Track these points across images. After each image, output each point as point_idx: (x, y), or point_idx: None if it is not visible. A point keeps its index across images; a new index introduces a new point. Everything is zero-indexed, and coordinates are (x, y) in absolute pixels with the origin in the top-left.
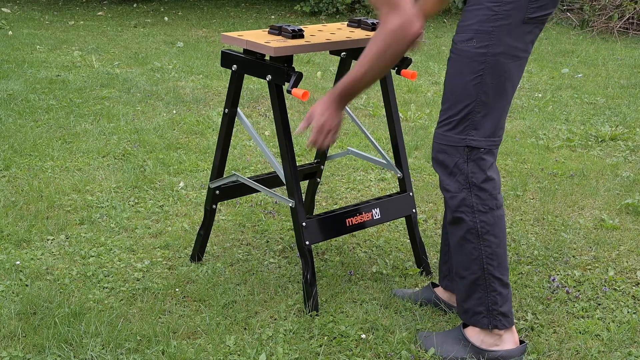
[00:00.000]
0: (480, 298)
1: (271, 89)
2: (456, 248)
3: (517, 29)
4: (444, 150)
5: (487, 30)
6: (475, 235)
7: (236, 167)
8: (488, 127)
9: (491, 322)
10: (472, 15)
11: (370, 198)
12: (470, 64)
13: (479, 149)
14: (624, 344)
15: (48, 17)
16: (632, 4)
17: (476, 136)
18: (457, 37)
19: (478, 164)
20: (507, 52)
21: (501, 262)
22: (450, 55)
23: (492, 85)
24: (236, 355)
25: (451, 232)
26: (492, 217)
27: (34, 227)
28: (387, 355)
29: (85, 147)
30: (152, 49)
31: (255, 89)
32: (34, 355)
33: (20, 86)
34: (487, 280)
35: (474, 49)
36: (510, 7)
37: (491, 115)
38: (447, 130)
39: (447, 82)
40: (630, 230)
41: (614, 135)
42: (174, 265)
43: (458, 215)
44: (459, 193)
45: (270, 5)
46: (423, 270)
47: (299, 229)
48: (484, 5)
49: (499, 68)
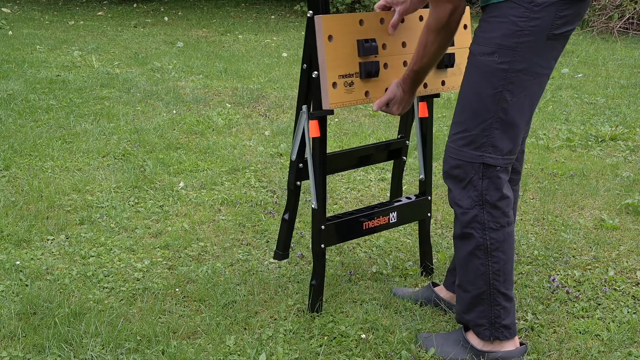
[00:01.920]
0: (483, 311)
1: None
2: (462, 263)
3: (542, 46)
4: (458, 165)
5: (510, 45)
6: (484, 251)
7: (236, 167)
8: (506, 144)
9: (493, 334)
10: (494, 27)
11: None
12: (489, 78)
13: (495, 167)
14: (624, 344)
15: (48, 17)
16: (632, 4)
17: (493, 154)
18: (476, 48)
19: (493, 181)
20: (530, 69)
21: (507, 278)
22: (468, 66)
23: (511, 102)
24: (236, 355)
25: (458, 247)
26: (503, 234)
27: (34, 227)
28: (387, 355)
29: (85, 147)
30: (152, 49)
31: (256, 89)
32: (34, 355)
33: (20, 86)
34: (491, 295)
35: (496, 64)
36: (536, 24)
37: (509, 132)
38: (462, 145)
39: (464, 94)
40: (630, 230)
41: (614, 135)
42: (174, 265)
43: (468, 231)
44: (471, 209)
45: (270, 5)
46: (424, 271)
47: (318, 231)
48: (508, 20)
49: (520, 85)
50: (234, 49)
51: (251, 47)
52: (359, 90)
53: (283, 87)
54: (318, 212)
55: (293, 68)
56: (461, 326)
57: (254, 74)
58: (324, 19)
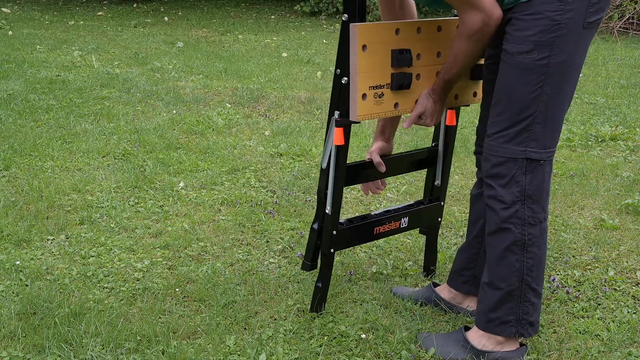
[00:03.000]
0: (512, 308)
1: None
2: (497, 259)
3: (578, 36)
4: (501, 162)
5: (548, 41)
6: (521, 247)
7: (236, 167)
8: (548, 138)
9: (518, 330)
10: (529, 25)
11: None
12: (529, 75)
13: (538, 161)
14: (624, 344)
15: (48, 17)
16: (632, 4)
17: (536, 148)
18: (512, 47)
19: (537, 176)
20: (568, 61)
21: (539, 274)
22: (505, 65)
23: (552, 95)
24: (236, 355)
25: (493, 243)
26: (540, 229)
27: (34, 227)
28: (387, 355)
29: (85, 147)
30: (152, 49)
31: (256, 89)
32: (34, 355)
33: (20, 86)
34: (522, 291)
35: (535, 61)
36: (571, 15)
37: (551, 126)
38: (504, 142)
39: (503, 93)
40: (630, 230)
41: (614, 135)
42: (174, 265)
43: (506, 226)
44: (513, 205)
45: (270, 5)
46: (425, 272)
47: (329, 236)
48: (544, 15)
49: (560, 77)
50: (234, 49)
51: (251, 47)
52: (389, 101)
53: (283, 87)
54: (331, 217)
55: (293, 68)
56: (462, 326)
57: (254, 74)
58: (360, 28)
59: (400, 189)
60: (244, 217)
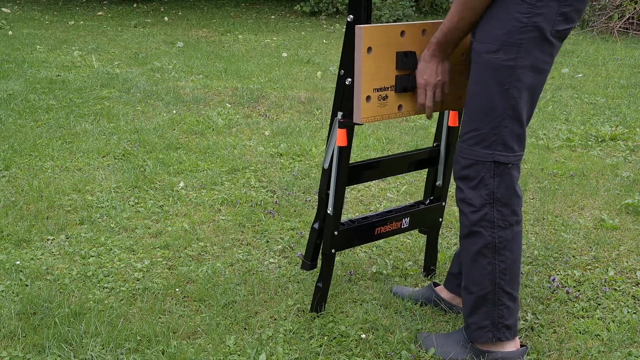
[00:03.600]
0: (487, 312)
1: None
2: (469, 263)
3: (544, 42)
4: (470, 165)
5: (516, 42)
6: (492, 250)
7: (236, 167)
8: (515, 141)
9: (495, 335)
10: (497, 24)
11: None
12: (496, 76)
13: (506, 165)
14: (624, 344)
15: (48, 17)
16: (632, 4)
17: (504, 151)
18: (480, 46)
19: (505, 179)
20: (534, 65)
21: (513, 277)
22: (473, 64)
23: (519, 99)
24: (236, 355)
25: (465, 247)
26: (511, 232)
27: (34, 227)
28: (387, 355)
29: (85, 147)
30: (152, 49)
31: (256, 89)
32: (34, 355)
33: (20, 86)
34: (496, 295)
35: (502, 61)
36: (540, 19)
37: (518, 129)
38: (473, 144)
39: (471, 93)
40: (630, 230)
41: (614, 135)
42: (174, 265)
43: (476, 230)
44: (482, 208)
45: (270, 5)
46: (425, 272)
47: (331, 236)
48: (512, 16)
49: (525, 81)
50: (234, 49)
51: (251, 47)
52: (392, 103)
53: (283, 87)
54: (333, 218)
55: (293, 68)
56: (462, 326)
57: (254, 74)
58: (366, 30)
59: (400, 189)
60: (244, 217)
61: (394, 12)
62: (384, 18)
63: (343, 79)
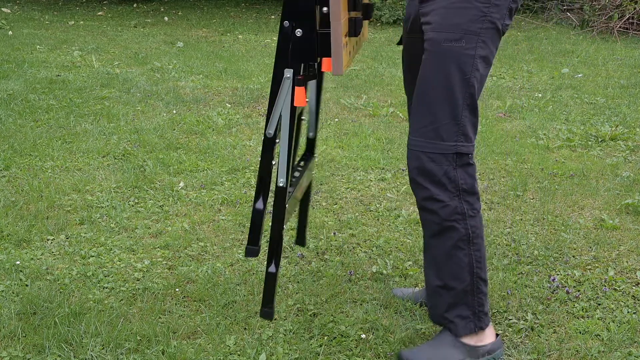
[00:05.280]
0: (467, 303)
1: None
2: (444, 259)
3: (496, 34)
4: (432, 159)
5: (476, 31)
6: (467, 241)
7: (236, 167)
8: (473, 130)
9: (476, 324)
10: (458, 13)
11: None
12: (458, 65)
13: (467, 155)
14: (624, 344)
15: (48, 17)
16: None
17: (465, 142)
18: (439, 35)
19: (467, 169)
20: (487, 57)
21: (484, 262)
22: (430, 55)
23: (477, 88)
24: (236, 355)
25: (438, 245)
26: (479, 219)
27: (34, 227)
28: (387, 355)
29: (85, 147)
30: (152, 49)
31: (255, 89)
32: (34, 355)
33: (20, 86)
34: (474, 284)
35: (464, 49)
36: (496, 11)
37: (475, 118)
38: (433, 137)
39: (428, 85)
40: (630, 230)
41: (614, 135)
42: (174, 265)
43: (449, 224)
44: (451, 202)
45: (270, 5)
46: (297, 240)
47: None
48: (472, 5)
49: (481, 72)
50: (234, 49)
51: (251, 47)
52: (347, 49)
53: None
54: (286, 191)
55: None
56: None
57: (254, 74)
58: None
59: (400, 189)
60: (244, 217)
61: (394, 12)
62: (384, 18)
63: (289, 30)
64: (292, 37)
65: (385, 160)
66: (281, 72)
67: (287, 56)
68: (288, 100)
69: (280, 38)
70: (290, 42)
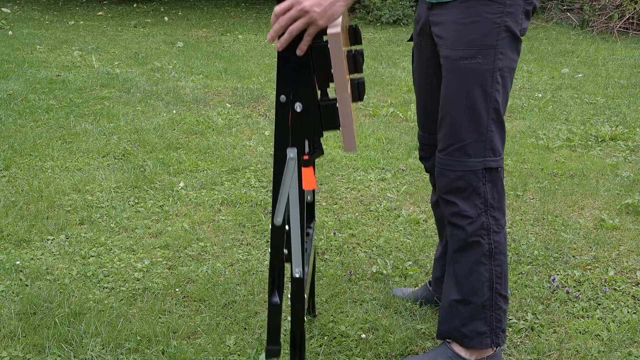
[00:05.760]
0: (485, 319)
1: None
2: (466, 274)
3: (515, 41)
4: (460, 177)
5: (491, 44)
6: (488, 256)
7: (236, 167)
8: (500, 144)
9: (494, 340)
10: (470, 29)
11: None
12: (478, 82)
13: (496, 169)
14: (624, 344)
15: (48, 17)
16: (632, 4)
17: (493, 156)
18: (454, 52)
19: (495, 184)
20: (509, 65)
21: (506, 279)
22: (448, 73)
23: (500, 102)
24: (236, 355)
25: (460, 260)
26: (503, 234)
27: (34, 227)
28: (387, 355)
29: (85, 147)
30: (152, 49)
31: (255, 89)
32: (34, 355)
33: (20, 86)
34: (493, 300)
35: (481, 66)
36: (509, 19)
37: (502, 131)
38: (461, 155)
39: (451, 104)
40: (630, 230)
41: (614, 135)
42: (174, 265)
43: (475, 240)
44: (479, 217)
45: (270, 6)
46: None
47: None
48: (483, 18)
49: (503, 82)
50: (234, 49)
51: (251, 47)
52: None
53: None
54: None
55: None
56: (441, 342)
57: (254, 74)
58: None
59: (400, 189)
60: (244, 217)
61: (394, 12)
62: (384, 18)
63: (287, 106)
64: (291, 112)
65: (385, 160)
66: (283, 152)
67: (288, 134)
68: (295, 183)
69: (278, 114)
70: (290, 118)
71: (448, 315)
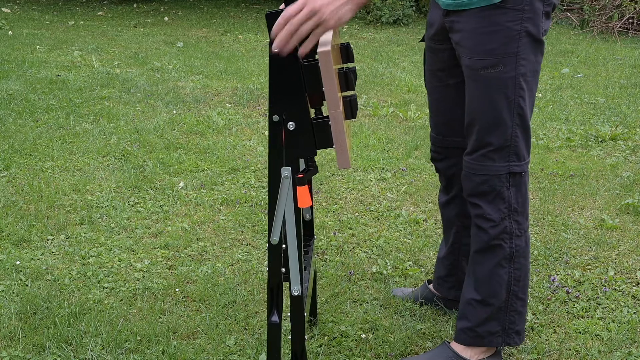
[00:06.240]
0: (500, 319)
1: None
2: (487, 276)
3: (537, 44)
4: (484, 181)
5: (513, 52)
6: (509, 259)
7: (236, 167)
8: (525, 148)
9: (504, 340)
10: (490, 38)
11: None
12: (501, 90)
13: (520, 174)
14: (624, 344)
15: (48, 17)
16: (632, 4)
17: (517, 161)
18: (475, 62)
19: (520, 188)
20: (532, 69)
21: (526, 283)
22: (471, 82)
23: (524, 107)
24: (236, 355)
25: (482, 261)
26: (525, 238)
27: (34, 227)
28: (387, 355)
29: (85, 147)
30: (152, 49)
31: (255, 89)
32: (34, 355)
33: (20, 86)
34: (509, 302)
35: (503, 74)
36: (530, 24)
37: (527, 136)
38: (486, 160)
39: (476, 111)
40: (630, 230)
41: (614, 135)
42: (174, 265)
43: (497, 243)
44: (502, 221)
45: (270, 6)
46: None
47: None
48: (503, 26)
49: (528, 87)
50: (234, 49)
51: (251, 47)
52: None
53: None
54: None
55: None
56: (443, 342)
57: (254, 74)
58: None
59: (400, 189)
60: (244, 217)
61: (394, 12)
62: (384, 18)
63: (280, 126)
64: (284, 131)
65: (385, 160)
66: (277, 171)
67: (282, 154)
68: (290, 202)
69: (271, 134)
70: (284, 137)
71: (465, 311)
